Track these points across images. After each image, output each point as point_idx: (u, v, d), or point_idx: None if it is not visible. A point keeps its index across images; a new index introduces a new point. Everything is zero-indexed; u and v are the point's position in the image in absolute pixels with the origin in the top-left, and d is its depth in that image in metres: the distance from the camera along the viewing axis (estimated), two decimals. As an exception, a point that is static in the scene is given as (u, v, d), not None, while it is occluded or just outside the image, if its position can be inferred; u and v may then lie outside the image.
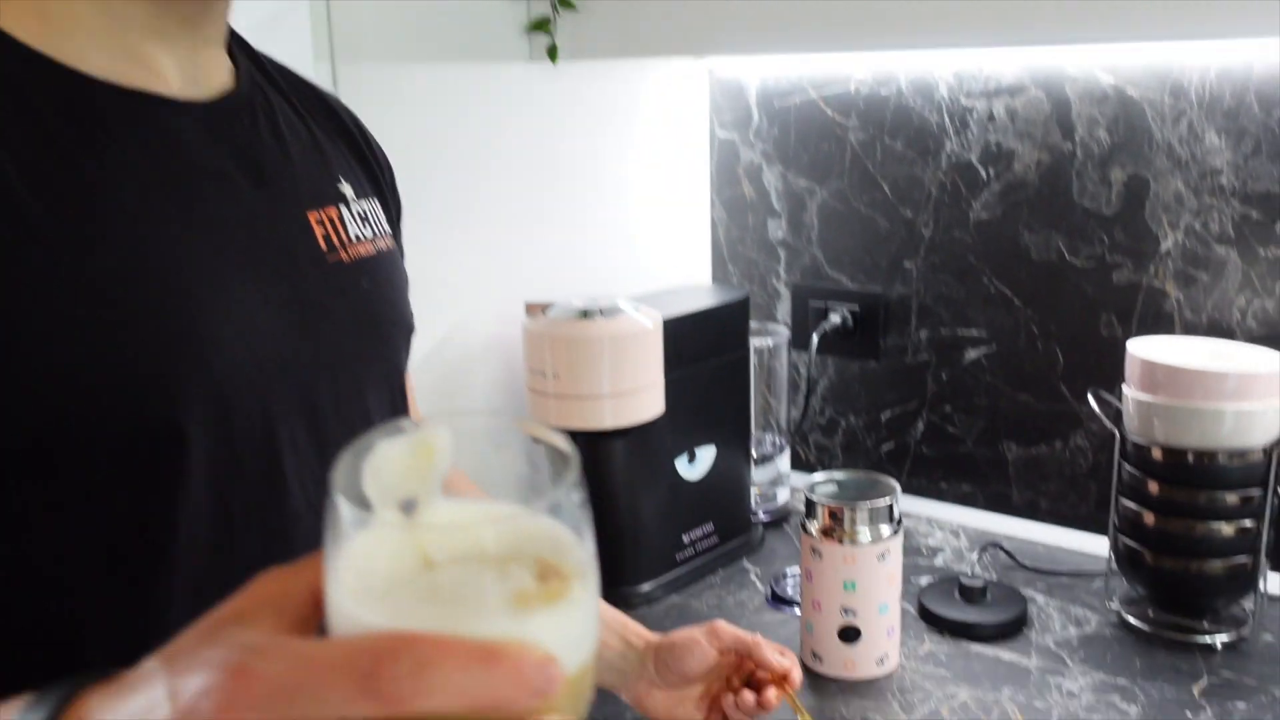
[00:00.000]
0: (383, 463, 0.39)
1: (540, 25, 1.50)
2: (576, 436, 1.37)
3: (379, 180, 0.89)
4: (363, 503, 0.38)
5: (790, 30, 1.33)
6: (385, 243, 0.83)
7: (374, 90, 1.31)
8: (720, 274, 1.85)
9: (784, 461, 1.65)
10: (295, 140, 0.79)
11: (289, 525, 0.69)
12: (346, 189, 0.81)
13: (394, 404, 0.81)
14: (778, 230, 1.76)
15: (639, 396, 1.33)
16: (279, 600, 0.40)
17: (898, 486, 1.18)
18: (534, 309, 1.39)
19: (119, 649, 0.47)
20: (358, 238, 0.79)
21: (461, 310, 1.47)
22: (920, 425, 1.68)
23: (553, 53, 1.50)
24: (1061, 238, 1.51)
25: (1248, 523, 1.21)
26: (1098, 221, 1.48)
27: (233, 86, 0.76)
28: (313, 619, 0.40)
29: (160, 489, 0.62)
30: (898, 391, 1.70)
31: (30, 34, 0.63)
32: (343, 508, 0.37)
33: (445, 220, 1.42)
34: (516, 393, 1.48)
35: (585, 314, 1.32)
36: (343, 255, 0.77)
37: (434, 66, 1.40)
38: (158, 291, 0.62)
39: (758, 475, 1.62)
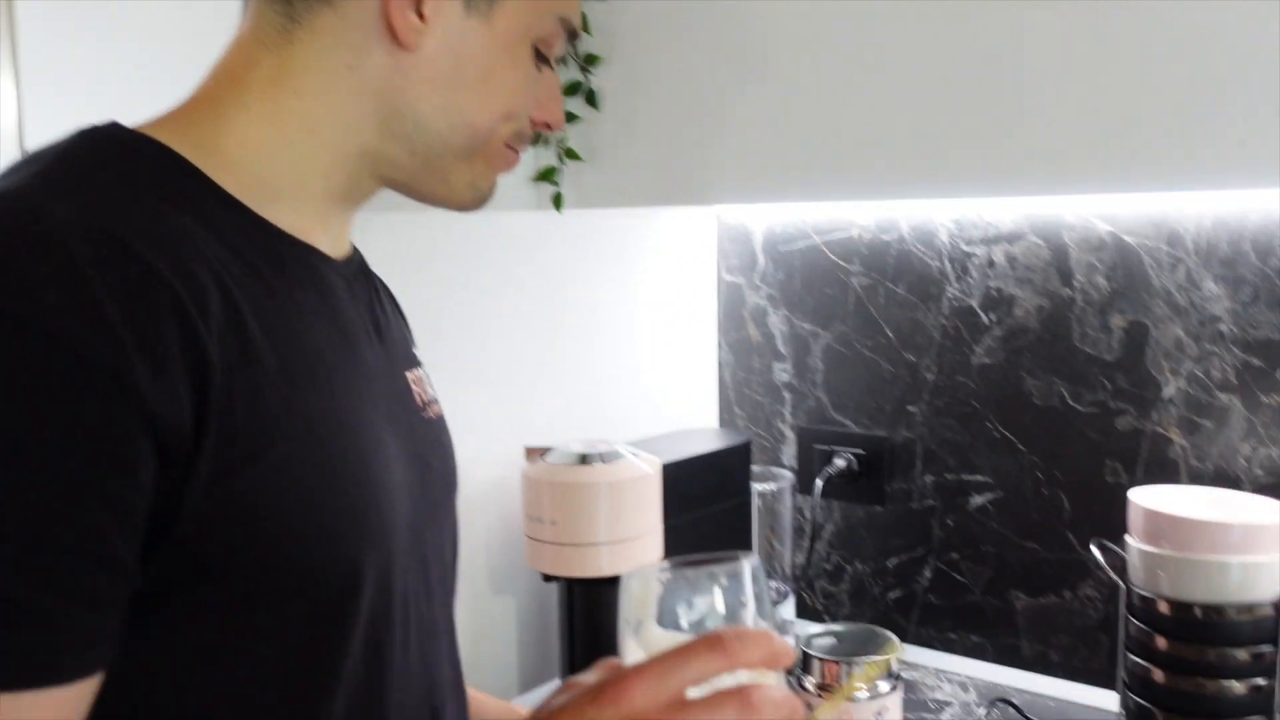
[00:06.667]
0: (625, 591, 0.63)
1: (546, 175, 1.54)
2: (574, 583, 1.36)
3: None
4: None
5: (794, 180, 1.36)
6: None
7: (386, 239, 1.34)
8: (727, 417, 1.85)
9: (788, 609, 1.63)
10: (390, 302, 0.85)
11: (401, 657, 0.71)
12: (417, 352, 0.86)
13: (454, 553, 0.84)
14: (783, 373, 1.77)
15: (637, 544, 1.32)
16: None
17: (898, 641, 1.16)
18: (533, 453, 1.39)
19: None
20: (433, 398, 0.83)
21: (464, 453, 1.46)
22: (927, 573, 1.65)
23: (558, 201, 1.53)
24: (1064, 383, 1.51)
25: (1260, 681, 1.17)
26: (1099, 367, 1.48)
27: (351, 250, 0.79)
28: None
29: (336, 628, 0.64)
30: (904, 538, 1.67)
31: (231, 183, 0.67)
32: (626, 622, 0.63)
33: (451, 365, 1.43)
34: (515, 537, 1.47)
35: (584, 459, 1.32)
36: (429, 413, 0.80)
37: (442, 215, 1.43)
38: (352, 437, 0.66)
39: (762, 622, 1.59)
